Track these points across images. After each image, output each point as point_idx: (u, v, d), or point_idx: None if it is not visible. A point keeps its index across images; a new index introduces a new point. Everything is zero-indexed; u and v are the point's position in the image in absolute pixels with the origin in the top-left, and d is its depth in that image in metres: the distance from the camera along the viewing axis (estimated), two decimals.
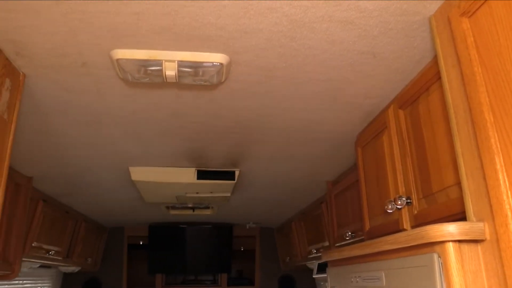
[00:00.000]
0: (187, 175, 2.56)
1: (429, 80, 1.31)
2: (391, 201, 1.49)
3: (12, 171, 2.41)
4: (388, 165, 1.60)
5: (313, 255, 3.50)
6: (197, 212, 3.96)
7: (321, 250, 3.31)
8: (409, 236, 1.02)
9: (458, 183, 1.13)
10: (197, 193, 2.87)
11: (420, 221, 1.35)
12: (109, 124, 1.89)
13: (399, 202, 1.42)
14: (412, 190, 1.42)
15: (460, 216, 1.12)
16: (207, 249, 4.93)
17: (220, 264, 4.98)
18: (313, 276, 2.93)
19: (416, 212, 1.39)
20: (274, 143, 2.16)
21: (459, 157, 1.00)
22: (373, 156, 1.76)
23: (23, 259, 2.79)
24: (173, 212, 3.99)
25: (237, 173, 2.59)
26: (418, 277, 1.00)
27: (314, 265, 3.77)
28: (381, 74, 1.48)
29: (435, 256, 0.94)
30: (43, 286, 4.20)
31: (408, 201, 1.42)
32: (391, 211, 1.48)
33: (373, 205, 1.76)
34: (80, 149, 2.19)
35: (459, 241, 0.91)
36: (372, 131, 1.76)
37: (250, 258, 5.16)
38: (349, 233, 2.27)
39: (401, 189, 1.49)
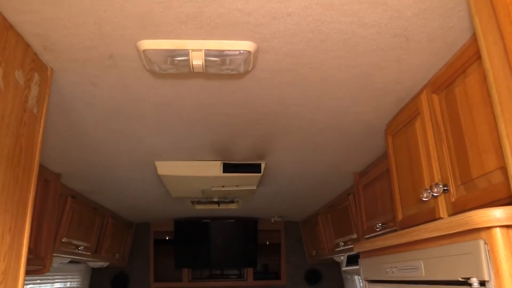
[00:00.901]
0: (213, 169, 2.55)
1: (466, 61, 1.26)
2: (426, 189, 1.44)
3: (41, 168, 2.44)
4: (422, 152, 1.55)
5: (341, 248, 3.45)
6: (222, 206, 3.96)
7: (348, 242, 3.26)
8: (452, 222, 0.98)
9: (501, 167, 1.08)
10: (223, 186, 2.86)
11: (458, 209, 1.30)
12: (135, 118, 1.89)
13: (436, 190, 1.37)
14: (449, 177, 1.36)
15: (503, 202, 1.07)
16: (232, 243, 4.93)
17: (245, 258, 4.97)
18: (343, 269, 2.89)
19: (454, 199, 1.33)
20: (301, 134, 2.13)
21: (504, 139, 0.95)
22: (405, 144, 1.71)
23: (54, 254, 2.84)
24: (198, 207, 4.00)
25: (263, 165, 2.56)
26: (462, 265, 0.96)
27: (342, 258, 3.73)
28: (413, 57, 1.42)
29: (481, 242, 0.90)
30: (73, 281, 4.28)
31: (445, 188, 1.37)
32: (426, 199, 1.43)
33: (406, 194, 1.71)
34: (107, 144, 2.20)
35: (507, 226, 0.86)
36: (404, 118, 1.71)
37: (275, 252, 5.14)
38: (380, 224, 2.22)
39: (437, 177, 1.44)
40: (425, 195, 1.43)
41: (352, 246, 3.05)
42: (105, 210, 3.81)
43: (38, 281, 3.61)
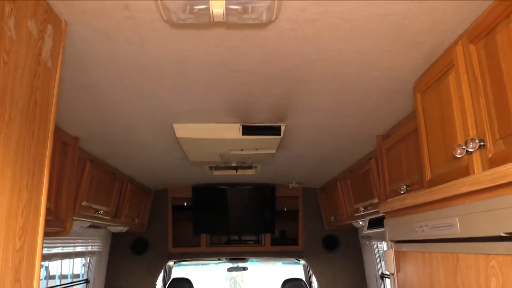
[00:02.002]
0: (232, 131, 2.50)
1: (510, 5, 1.15)
2: (460, 146, 1.35)
3: (59, 130, 2.42)
4: (455, 107, 1.46)
5: (360, 213, 3.41)
6: (240, 172, 3.93)
7: (369, 207, 3.21)
8: (496, 173, 0.90)
9: None
10: (241, 150, 2.81)
11: (495, 165, 1.21)
12: (152, 76, 1.83)
13: (471, 145, 1.29)
14: (486, 132, 1.28)
15: None
16: (249, 209, 4.94)
17: (263, 224, 4.98)
18: (363, 233, 2.85)
19: (491, 155, 1.25)
20: (323, 93, 2.04)
21: None
22: (436, 100, 1.62)
23: (74, 217, 2.86)
24: (216, 172, 3.98)
25: (283, 127, 2.49)
26: (505, 220, 0.89)
27: (361, 223, 3.69)
28: (449, 5, 1.32)
29: None
30: (94, 246, 4.35)
31: (481, 144, 1.28)
32: (460, 156, 1.35)
33: (436, 153, 1.63)
34: (123, 105, 2.15)
35: None
36: (435, 73, 1.61)
37: (293, 219, 5.13)
38: (404, 186, 2.15)
39: (472, 132, 1.35)
40: (458, 151, 1.35)
41: (373, 210, 3.00)
42: (123, 176, 3.82)
43: (60, 244, 3.67)
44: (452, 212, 1.13)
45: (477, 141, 1.29)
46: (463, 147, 1.34)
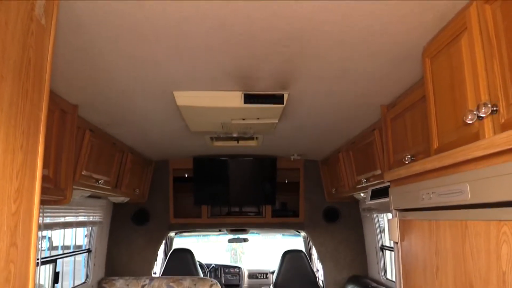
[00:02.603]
0: (234, 100, 2.44)
1: None
2: (471, 111, 1.30)
3: (57, 98, 2.37)
4: (467, 72, 1.40)
5: (363, 185, 3.39)
6: (241, 143, 3.89)
7: (371, 179, 3.18)
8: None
9: None
10: (243, 119, 2.76)
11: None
12: (151, 40, 1.76)
13: (483, 110, 1.24)
14: (499, 96, 1.23)
15: None
16: (251, 181, 4.93)
17: (264, 196, 4.98)
18: (366, 203, 2.83)
19: (503, 120, 1.20)
20: (327, 59, 1.98)
21: None
22: (446, 65, 1.56)
23: (74, 187, 2.84)
24: (217, 143, 3.94)
25: (286, 96, 2.43)
26: None
27: (362, 194, 3.68)
28: None
29: None
30: (95, 216, 4.36)
31: (494, 109, 1.23)
32: (471, 121, 1.30)
33: (444, 121, 1.58)
34: (122, 70, 2.09)
35: None
36: (447, 37, 1.54)
37: (294, 191, 5.13)
38: (409, 156, 2.11)
39: (484, 97, 1.30)
40: (469, 117, 1.30)
41: (375, 181, 2.98)
42: (124, 146, 3.79)
43: (62, 214, 3.68)
44: (462, 178, 1.09)
45: (489, 106, 1.24)
46: (474, 112, 1.29)
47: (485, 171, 0.99)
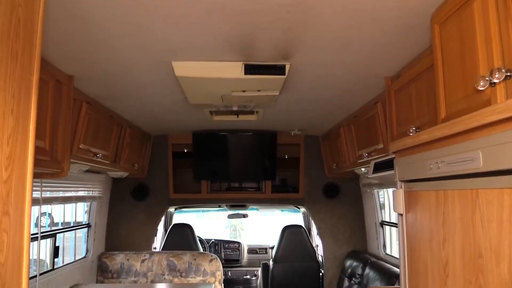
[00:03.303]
0: (234, 70, 2.37)
1: None
2: (483, 77, 1.25)
3: (51, 68, 2.30)
4: (479, 36, 1.33)
5: (364, 159, 3.35)
6: (241, 117, 3.84)
7: (373, 153, 3.14)
8: None
9: None
10: (243, 91, 2.69)
11: None
12: (148, 6, 1.68)
13: (497, 76, 1.18)
14: None
15: None
16: (250, 156, 4.90)
17: (264, 171, 4.96)
18: (369, 176, 2.79)
19: None
20: (331, 27, 1.90)
21: None
22: (456, 30, 1.49)
23: (72, 160, 2.80)
24: (216, 118, 3.89)
25: (287, 67, 2.37)
26: None
27: (363, 169, 3.65)
28: None
29: None
30: (94, 190, 4.34)
31: (508, 74, 1.18)
32: (482, 88, 1.25)
33: (453, 89, 1.52)
34: (119, 39, 2.02)
35: None
36: (457, 1, 1.47)
37: (294, 166, 5.10)
38: (413, 128, 2.06)
39: (497, 62, 1.24)
40: (481, 83, 1.24)
41: (377, 156, 2.94)
42: (122, 120, 3.73)
43: (62, 188, 3.65)
44: (474, 145, 1.04)
45: (503, 70, 1.18)
46: (487, 78, 1.23)
47: (499, 137, 0.94)
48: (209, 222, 11.08)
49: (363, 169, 3.68)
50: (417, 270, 1.43)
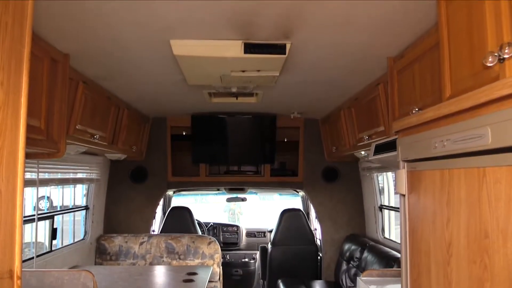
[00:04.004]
0: (233, 49, 2.32)
1: None
2: (492, 53, 1.20)
3: (46, 45, 2.25)
4: (488, 11, 1.28)
5: (364, 142, 3.32)
6: (240, 100, 3.79)
7: (373, 136, 3.11)
8: None
9: None
10: (243, 71, 2.64)
11: None
12: None
13: (506, 51, 1.14)
14: None
15: None
16: (249, 140, 4.86)
17: (263, 155, 4.93)
18: (370, 158, 2.76)
19: None
20: (335, 2, 1.84)
21: None
22: (463, 6, 1.44)
23: (69, 141, 2.76)
24: (215, 100, 3.84)
25: (288, 46, 2.31)
26: None
27: (363, 152, 3.62)
28: None
29: None
30: (92, 173, 4.31)
31: None
32: (491, 64, 1.20)
33: (459, 66, 1.48)
34: (115, 15, 1.96)
35: None
36: None
37: (293, 150, 5.07)
38: (416, 109, 2.02)
39: (507, 37, 1.19)
40: (489, 59, 1.20)
41: (378, 138, 2.90)
42: (120, 101, 3.68)
43: (60, 170, 3.63)
44: (482, 121, 1.00)
45: None
46: (496, 54, 1.19)
47: (510, 112, 0.90)
48: (207, 207, 11.10)
49: (363, 152, 3.65)
50: (419, 251, 1.41)
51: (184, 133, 4.92)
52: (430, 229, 1.32)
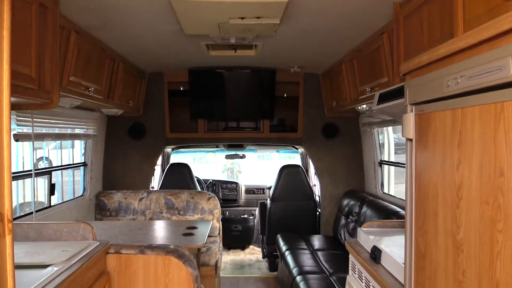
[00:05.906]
0: None
1: None
2: None
3: None
4: None
5: (367, 95, 3.24)
6: (239, 53, 3.67)
7: (376, 88, 3.03)
8: None
9: None
10: (242, 18, 2.52)
11: None
12: None
13: None
14: None
15: None
16: (248, 95, 4.77)
17: (262, 110, 4.85)
18: (373, 108, 2.69)
19: None
20: None
21: None
22: None
23: (63, 93, 2.68)
24: (213, 53, 3.72)
25: None
26: None
27: (365, 106, 3.55)
28: None
29: None
30: (89, 128, 4.25)
31: None
32: None
33: (473, 3, 1.38)
34: None
35: None
36: None
37: (293, 105, 4.99)
38: None
39: None
40: None
41: (381, 90, 2.82)
42: (114, 54, 3.56)
43: (57, 124, 3.57)
44: (503, 52, 0.93)
45: None
46: None
47: None
48: (206, 166, 11.12)
49: (364, 105, 3.57)
50: (425, 197, 1.37)
51: (181, 89, 4.82)
52: (438, 173, 1.27)
